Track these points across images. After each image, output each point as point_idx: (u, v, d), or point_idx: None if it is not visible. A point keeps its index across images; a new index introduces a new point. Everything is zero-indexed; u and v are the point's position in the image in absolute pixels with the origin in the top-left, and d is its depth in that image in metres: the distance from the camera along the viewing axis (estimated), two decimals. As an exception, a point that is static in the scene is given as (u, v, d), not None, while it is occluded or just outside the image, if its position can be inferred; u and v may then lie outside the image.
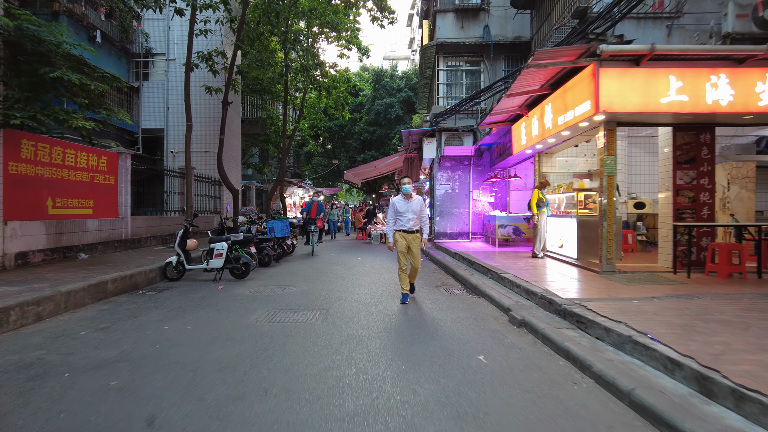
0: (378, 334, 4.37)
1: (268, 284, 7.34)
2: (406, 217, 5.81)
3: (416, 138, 14.34)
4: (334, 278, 7.98)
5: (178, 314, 5.26)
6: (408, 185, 5.89)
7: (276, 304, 5.81)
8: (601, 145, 6.60)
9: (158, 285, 7.43)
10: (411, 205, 5.83)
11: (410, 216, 5.80)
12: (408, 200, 5.84)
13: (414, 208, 5.83)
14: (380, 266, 9.74)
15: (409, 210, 5.81)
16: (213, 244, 7.77)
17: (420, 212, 5.89)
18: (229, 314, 5.28)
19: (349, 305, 5.70)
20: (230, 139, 17.66)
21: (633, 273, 6.63)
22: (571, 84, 6.53)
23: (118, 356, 3.72)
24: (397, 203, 5.87)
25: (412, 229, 5.80)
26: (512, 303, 5.40)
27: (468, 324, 4.85)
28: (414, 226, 5.80)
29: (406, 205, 5.84)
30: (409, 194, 5.86)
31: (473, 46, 13.35)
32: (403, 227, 5.80)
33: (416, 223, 5.83)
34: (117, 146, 8.84)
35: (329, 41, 19.47)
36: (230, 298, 6.22)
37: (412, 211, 5.81)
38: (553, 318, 4.69)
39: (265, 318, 5.05)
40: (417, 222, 5.85)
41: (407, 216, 5.81)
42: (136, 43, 17.09)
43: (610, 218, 6.63)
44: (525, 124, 9.00)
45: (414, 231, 5.82)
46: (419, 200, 5.93)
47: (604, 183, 6.61)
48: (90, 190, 8.95)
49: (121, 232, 10.04)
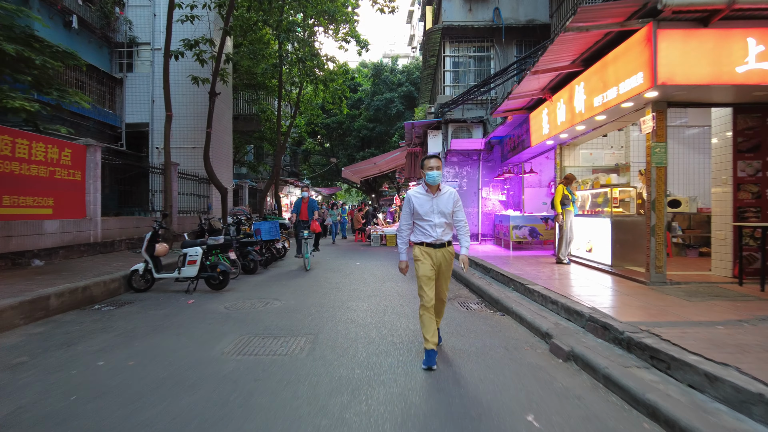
0: (381, 377, 3.22)
1: (248, 297, 6.20)
2: (431, 221, 3.59)
3: (420, 131, 13.20)
4: (328, 289, 6.83)
5: (125, 341, 4.12)
6: (435, 171, 3.58)
7: (253, 325, 4.66)
8: (648, 129, 5.46)
9: (120, 298, 6.29)
10: (439, 202, 3.61)
11: (437, 220, 3.59)
12: (433, 195, 3.63)
13: (443, 207, 3.61)
14: (381, 273, 8.60)
15: (436, 210, 3.60)
16: (185, 249, 6.63)
17: (453, 213, 3.68)
18: (190, 341, 4.14)
19: (344, 327, 4.56)
20: (220, 134, 16.52)
21: (687, 284, 5.50)
22: (614, 56, 5.39)
23: (4, 420, 2.58)
24: (416, 199, 3.64)
25: (441, 240, 3.60)
26: (550, 326, 4.27)
27: (499, 357, 3.71)
28: (444, 236, 3.61)
29: (430, 202, 3.60)
30: (436, 186, 3.63)
31: (482, 29, 12.22)
32: (426, 238, 3.61)
33: (447, 230, 3.64)
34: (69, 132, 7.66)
35: (327, 33, 18.36)
36: (199, 317, 5.08)
37: (439, 212, 3.60)
38: (612, 349, 3.55)
39: (235, 347, 3.91)
40: (448, 229, 3.66)
41: (433, 220, 3.59)
42: (119, 31, 15.93)
43: (660, 218, 5.49)
44: (547, 110, 7.86)
45: (444, 244, 3.63)
46: (452, 194, 3.69)
47: (653, 176, 5.48)
48: (50, 187, 7.81)
49: (88, 234, 8.89)
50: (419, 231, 3.67)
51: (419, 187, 3.74)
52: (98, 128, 14.69)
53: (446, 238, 3.64)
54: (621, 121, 6.67)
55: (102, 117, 14.86)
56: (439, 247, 3.61)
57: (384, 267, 9.51)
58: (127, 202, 13.80)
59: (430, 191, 3.66)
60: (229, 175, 17.85)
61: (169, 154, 10.32)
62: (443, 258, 3.64)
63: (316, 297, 6.16)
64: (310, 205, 10.05)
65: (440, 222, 3.61)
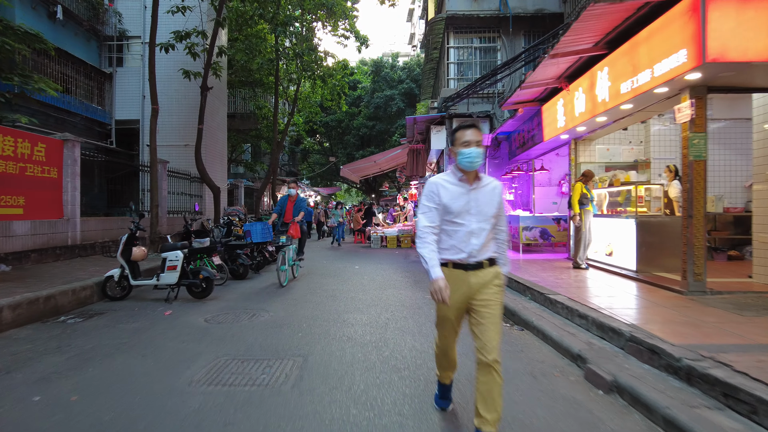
0: (384, 420, 2.55)
1: (233, 307, 5.54)
2: (466, 225, 2.30)
3: (422, 127, 12.54)
4: (323, 297, 6.17)
5: (79, 365, 3.46)
6: (474, 149, 2.26)
7: (233, 344, 4.00)
8: (684, 118, 4.81)
9: (91, 308, 5.63)
10: (478, 198, 2.31)
11: (475, 224, 2.30)
12: (470, 185, 2.32)
13: (485, 206, 2.32)
14: (382, 278, 7.94)
15: (474, 209, 2.31)
16: (165, 254, 5.97)
17: (499, 215, 2.40)
18: (156, 364, 3.48)
19: (339, 347, 3.89)
20: (214, 132, 15.89)
21: (730, 294, 4.84)
22: (648, 33, 4.73)
23: None
24: (444, 189, 2.34)
25: (479, 257, 2.31)
26: (583, 346, 3.61)
27: (526, 387, 3.05)
28: (483, 251, 2.32)
29: (465, 196, 2.31)
30: (474, 173, 2.32)
31: (488, 19, 11.55)
32: (453, 254, 2.32)
33: (488, 242, 2.35)
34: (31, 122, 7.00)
35: (325, 28, 17.70)
36: (173, 332, 4.42)
37: (479, 212, 2.31)
38: (666, 381, 2.89)
39: (208, 374, 3.25)
40: (490, 241, 2.36)
41: (468, 224, 2.30)
42: (108, 24, 15.28)
43: (699, 218, 4.83)
44: (563, 100, 7.20)
45: (483, 264, 2.32)
46: (496, 188, 2.38)
47: (690, 171, 4.82)
48: (20, 185, 7.14)
49: (66, 236, 8.23)
50: (443, 241, 2.33)
51: (447, 174, 2.39)
52: (86, 125, 14.05)
53: (486, 255, 2.30)
54: (648, 111, 6.01)
55: (90, 113, 14.21)
56: (475, 269, 2.27)
57: (385, 271, 8.85)
58: (118, 202, 13.14)
59: (465, 180, 2.30)
60: (224, 174, 17.20)
61: (155, 151, 9.66)
62: (481, 287, 2.26)
63: (309, 307, 5.49)
64: (297, 204, 7.86)
65: (479, 228, 2.27)
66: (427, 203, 2.37)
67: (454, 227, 2.32)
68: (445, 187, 2.35)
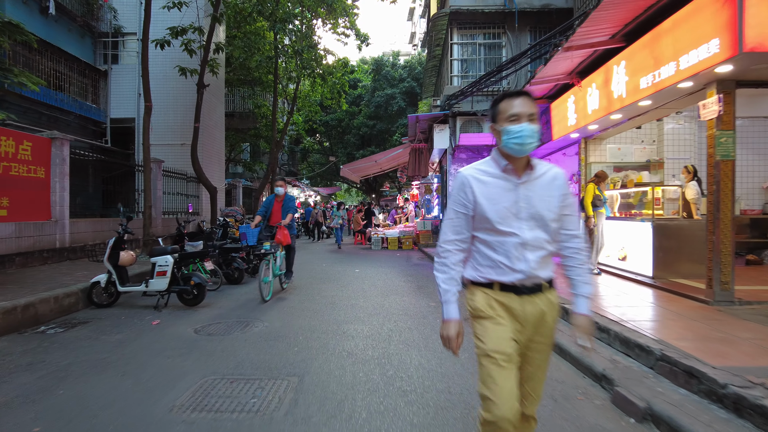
0: (389, 459, 2.22)
1: (226, 315, 5.20)
2: (518, 236, 1.60)
3: (425, 125, 12.20)
4: (321, 305, 5.82)
5: (48, 385, 3.12)
6: (527, 125, 1.57)
7: (223, 359, 3.66)
8: (711, 115, 4.47)
9: (75, 316, 5.30)
10: (531, 193, 1.63)
11: (529, 233, 1.61)
12: (519, 177, 1.64)
13: (541, 205, 1.62)
14: (384, 283, 7.60)
15: (526, 210, 1.62)
16: (154, 258, 5.63)
17: (562, 219, 1.69)
18: (136, 385, 3.14)
19: (338, 364, 3.55)
20: (211, 130, 15.54)
21: (760, 304, 4.49)
22: (672, 23, 4.39)
23: None
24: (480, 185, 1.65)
25: (536, 278, 1.63)
26: (606, 364, 3.27)
27: (548, 413, 2.71)
28: (541, 268, 1.63)
29: (513, 192, 1.63)
30: (523, 159, 1.64)
31: (493, 14, 11.21)
32: (501, 274, 1.63)
33: (547, 257, 1.66)
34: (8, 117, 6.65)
35: (325, 26, 17.36)
36: (159, 345, 4.08)
37: (535, 214, 1.62)
38: (710, 409, 2.55)
39: (192, 397, 2.91)
40: (549, 255, 1.66)
41: (521, 234, 1.61)
42: (102, 20, 14.93)
43: (726, 222, 4.49)
44: (575, 97, 6.86)
45: (542, 286, 1.65)
46: (557, 177, 1.68)
47: (717, 171, 4.48)
48: (3, 185, 6.82)
49: (54, 239, 7.88)
50: (484, 256, 1.66)
51: (485, 163, 1.70)
52: (80, 123, 13.71)
53: (546, 274, 1.64)
54: (666, 108, 5.68)
55: (84, 111, 13.87)
56: (531, 293, 1.63)
57: (386, 275, 8.51)
58: (114, 202, 12.77)
59: (511, 170, 1.64)
60: (222, 173, 16.87)
61: (148, 149, 9.32)
62: (539, 317, 1.64)
63: (307, 317, 5.15)
64: (285, 205, 6.76)
65: (535, 237, 1.61)
66: (455, 207, 1.69)
67: (498, 237, 1.62)
68: (481, 181, 1.64)
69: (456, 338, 1.64)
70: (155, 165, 11.34)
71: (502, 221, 1.62)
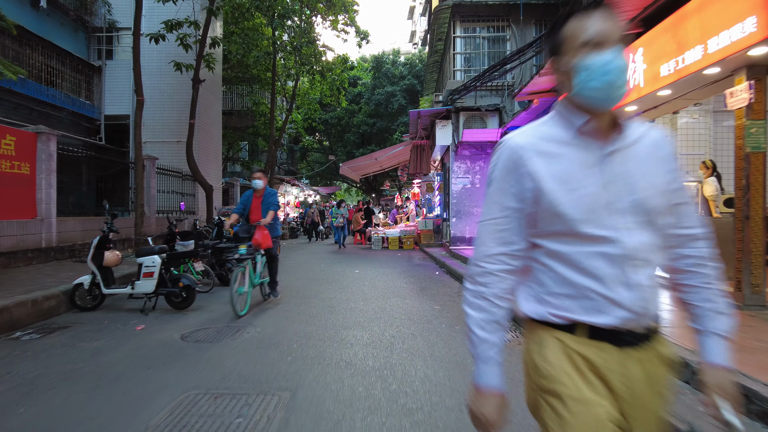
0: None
1: (217, 319, 4.86)
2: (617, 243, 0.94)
3: (427, 121, 11.87)
4: (318, 308, 5.48)
5: (11, 401, 2.78)
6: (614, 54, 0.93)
7: (209, 370, 3.32)
8: (740, 103, 4.13)
9: (55, 320, 4.96)
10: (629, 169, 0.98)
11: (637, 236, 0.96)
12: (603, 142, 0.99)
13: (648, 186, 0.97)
14: (384, 285, 7.26)
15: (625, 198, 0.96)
16: (140, 258, 5.29)
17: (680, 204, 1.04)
18: (108, 401, 2.80)
19: (335, 377, 3.20)
20: (208, 128, 15.20)
21: (793, 308, 4.15)
22: (699, 2, 4.05)
23: None
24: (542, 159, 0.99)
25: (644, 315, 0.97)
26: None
27: None
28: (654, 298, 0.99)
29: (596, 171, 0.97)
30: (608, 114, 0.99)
31: (497, 7, 10.87)
32: (599, 312, 0.95)
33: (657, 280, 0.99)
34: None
35: (325, 22, 17.02)
36: (141, 353, 3.74)
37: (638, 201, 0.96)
38: None
39: (169, 416, 2.57)
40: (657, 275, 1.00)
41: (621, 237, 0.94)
42: (96, 14, 14.60)
43: (758, 220, 4.15)
44: (586, 89, 6.51)
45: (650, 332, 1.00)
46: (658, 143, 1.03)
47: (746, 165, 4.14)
48: (-15, 182, 6.49)
49: (39, 238, 7.54)
50: (557, 280, 1.00)
51: (547, 123, 1.06)
52: (72, 120, 13.36)
53: (656, 309, 1.02)
54: (685, 98, 5.34)
55: (77, 107, 13.53)
56: (637, 344, 0.99)
57: (387, 276, 8.17)
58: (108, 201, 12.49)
59: (590, 132, 1.00)
60: (218, 171, 16.53)
61: (140, 145, 8.99)
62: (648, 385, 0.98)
63: (302, 321, 4.81)
64: (265, 200, 5.68)
65: (644, 244, 0.97)
66: (500, 199, 1.04)
67: (581, 246, 0.97)
68: (546, 154, 1.00)
69: (498, 419, 1.01)
70: (149, 162, 11.01)
71: (587, 218, 0.95)
